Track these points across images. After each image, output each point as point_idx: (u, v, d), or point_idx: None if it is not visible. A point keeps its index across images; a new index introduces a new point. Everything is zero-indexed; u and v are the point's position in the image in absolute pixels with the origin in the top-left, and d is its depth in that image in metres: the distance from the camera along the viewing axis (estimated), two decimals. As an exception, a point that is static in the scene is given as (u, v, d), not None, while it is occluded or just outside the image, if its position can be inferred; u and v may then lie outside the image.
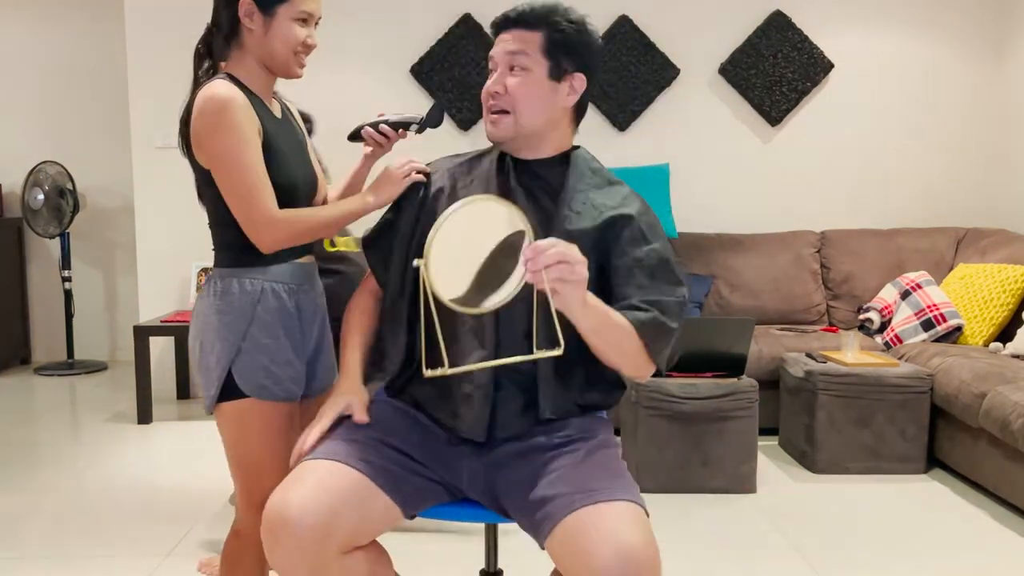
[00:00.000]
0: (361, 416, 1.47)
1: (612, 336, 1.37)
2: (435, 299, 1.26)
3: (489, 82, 1.51)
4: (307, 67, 4.39)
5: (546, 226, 1.49)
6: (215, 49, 1.63)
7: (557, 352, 1.30)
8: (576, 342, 1.42)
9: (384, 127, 1.68)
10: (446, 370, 1.28)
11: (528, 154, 1.54)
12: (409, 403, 1.56)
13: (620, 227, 1.48)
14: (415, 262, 1.25)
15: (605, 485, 1.31)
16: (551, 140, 1.54)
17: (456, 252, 1.25)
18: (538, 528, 1.33)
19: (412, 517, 1.45)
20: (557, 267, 1.21)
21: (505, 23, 1.50)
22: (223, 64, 1.64)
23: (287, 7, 1.56)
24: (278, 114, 1.67)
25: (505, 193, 1.52)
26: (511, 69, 1.48)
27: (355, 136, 1.71)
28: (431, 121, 1.70)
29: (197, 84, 1.62)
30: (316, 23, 1.63)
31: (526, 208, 1.50)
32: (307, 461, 1.38)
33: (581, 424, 1.49)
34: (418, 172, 1.66)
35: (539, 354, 1.31)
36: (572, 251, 1.22)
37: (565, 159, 1.55)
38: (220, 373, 1.58)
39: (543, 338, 1.39)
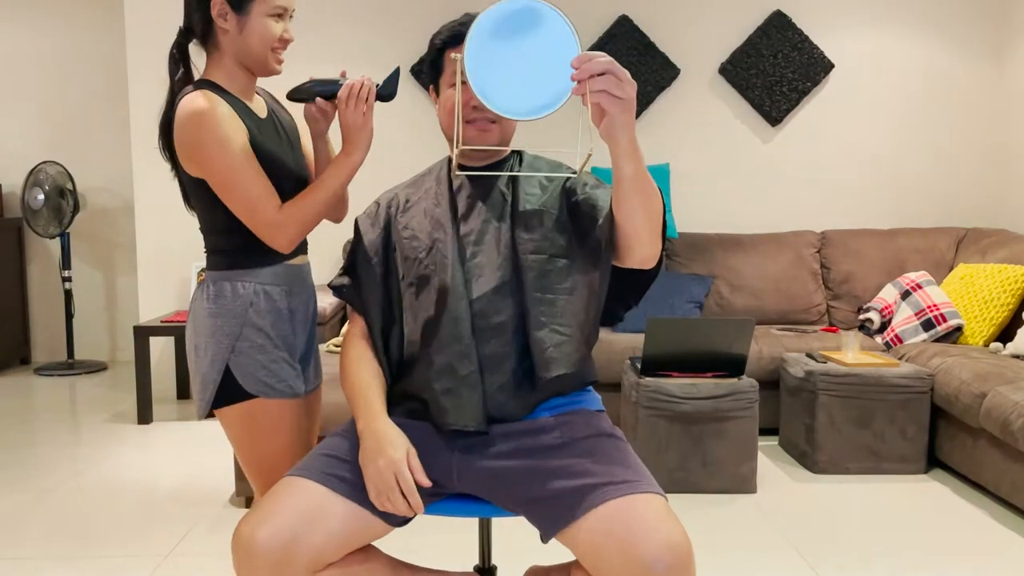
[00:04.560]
0: (423, 479, 1.39)
1: (648, 189, 1.31)
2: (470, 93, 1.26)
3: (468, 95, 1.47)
4: (306, 68, 4.40)
5: (508, 210, 1.54)
6: (191, 53, 1.62)
7: (591, 154, 1.31)
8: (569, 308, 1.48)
9: (321, 101, 1.60)
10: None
11: (494, 157, 1.60)
12: (399, 408, 1.55)
13: (576, 183, 1.55)
14: (452, 55, 1.25)
15: (634, 477, 1.32)
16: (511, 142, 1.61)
17: (496, 50, 1.23)
18: (555, 518, 1.32)
19: (403, 524, 1.44)
20: (605, 78, 1.18)
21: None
22: (205, 68, 1.62)
23: (261, 3, 1.54)
24: (263, 113, 1.65)
25: (469, 200, 1.56)
26: None
27: (298, 98, 1.60)
28: (387, 90, 1.58)
29: (173, 91, 1.61)
30: (290, 16, 1.60)
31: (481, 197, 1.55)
32: (284, 477, 1.40)
33: (582, 421, 1.49)
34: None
35: (581, 164, 1.34)
36: (621, 67, 1.20)
37: (512, 154, 1.64)
38: (216, 376, 1.57)
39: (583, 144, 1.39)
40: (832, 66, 4.42)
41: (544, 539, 1.35)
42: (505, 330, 1.48)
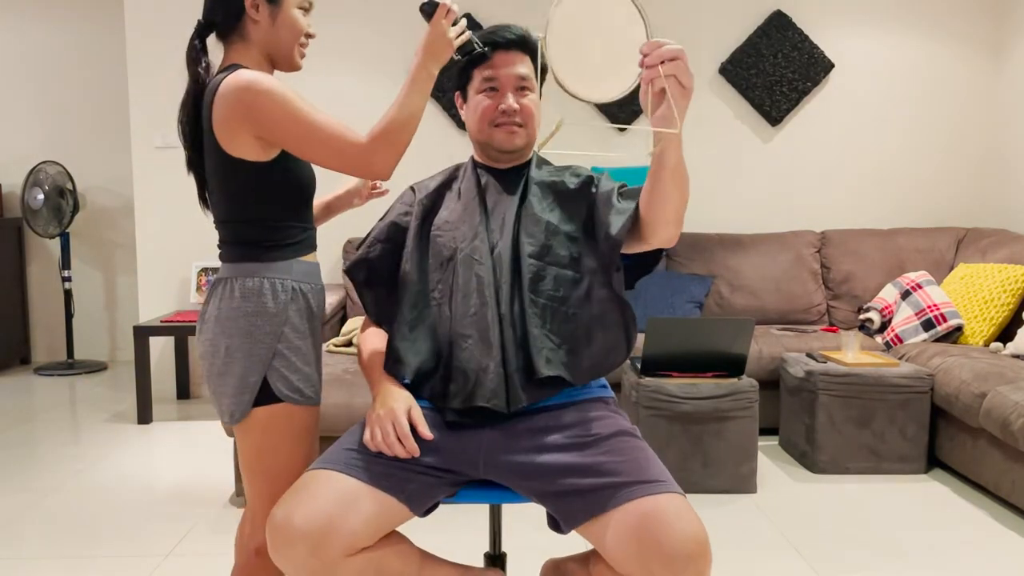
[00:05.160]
0: (424, 431, 1.47)
1: (685, 177, 1.39)
2: (549, 76, 1.31)
3: (505, 100, 1.61)
4: (306, 67, 4.40)
5: (518, 211, 1.63)
6: (209, 46, 1.59)
7: (675, 130, 1.29)
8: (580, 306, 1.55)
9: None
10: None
11: (517, 160, 1.69)
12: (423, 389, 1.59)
13: (592, 179, 1.66)
14: (535, 35, 1.33)
15: (660, 478, 1.38)
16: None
17: (573, 36, 1.28)
18: (580, 512, 1.39)
19: (424, 514, 1.48)
20: (675, 64, 1.24)
21: (508, 44, 1.61)
22: (226, 59, 1.58)
23: None
24: None
25: (497, 201, 1.66)
26: (519, 90, 1.62)
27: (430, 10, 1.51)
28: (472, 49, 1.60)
29: (198, 80, 1.56)
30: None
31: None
32: (308, 471, 1.43)
33: (605, 420, 1.53)
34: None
35: (659, 131, 1.31)
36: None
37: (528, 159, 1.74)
38: (256, 379, 1.50)
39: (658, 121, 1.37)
40: (832, 66, 4.42)
41: (565, 530, 1.42)
42: (514, 323, 1.55)
